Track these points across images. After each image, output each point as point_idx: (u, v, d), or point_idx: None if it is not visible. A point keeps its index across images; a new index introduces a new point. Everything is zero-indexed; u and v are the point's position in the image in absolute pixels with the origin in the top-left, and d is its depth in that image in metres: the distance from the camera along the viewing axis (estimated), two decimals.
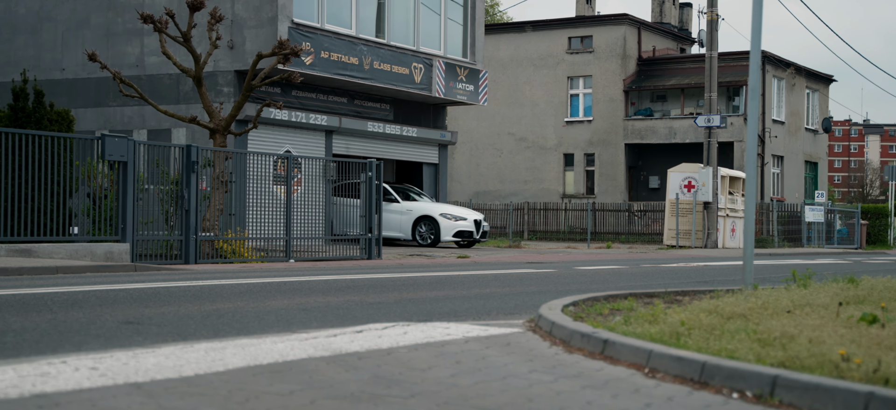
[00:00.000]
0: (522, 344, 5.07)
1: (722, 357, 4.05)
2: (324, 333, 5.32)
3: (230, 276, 11.16)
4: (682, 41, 49.72)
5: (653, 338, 4.63)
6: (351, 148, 27.65)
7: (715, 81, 30.51)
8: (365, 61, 25.31)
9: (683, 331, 4.79)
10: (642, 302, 6.86)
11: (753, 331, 4.68)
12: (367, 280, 10.61)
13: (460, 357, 4.59)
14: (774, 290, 6.92)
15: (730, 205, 31.76)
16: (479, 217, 25.92)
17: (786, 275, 12.10)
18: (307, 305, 7.42)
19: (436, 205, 25.99)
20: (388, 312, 7.00)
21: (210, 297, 8.06)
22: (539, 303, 7.84)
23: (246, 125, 21.31)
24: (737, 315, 5.34)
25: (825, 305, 5.84)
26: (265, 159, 18.64)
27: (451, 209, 25.98)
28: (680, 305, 6.45)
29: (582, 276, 12.14)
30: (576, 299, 6.75)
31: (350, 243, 19.71)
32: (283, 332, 5.55)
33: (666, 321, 5.14)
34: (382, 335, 5.23)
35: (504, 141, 47.32)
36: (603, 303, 6.74)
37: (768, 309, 5.58)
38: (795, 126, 47.94)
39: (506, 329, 5.70)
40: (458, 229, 25.15)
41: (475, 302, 7.98)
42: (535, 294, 9.01)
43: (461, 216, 25.42)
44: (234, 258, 17.22)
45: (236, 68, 23.66)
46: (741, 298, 6.12)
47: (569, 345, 5.01)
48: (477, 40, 29.64)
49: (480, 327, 5.74)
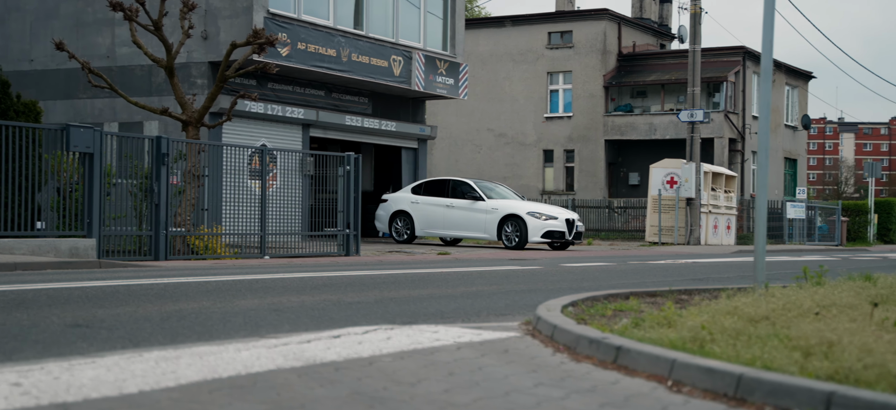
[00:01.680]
0: (522, 351, 4.49)
1: (760, 369, 3.48)
2: (296, 338, 4.71)
3: (199, 273, 10.52)
4: (662, 37, 49.35)
5: (673, 345, 4.06)
6: (328, 144, 26.99)
7: (698, 76, 30.06)
8: (343, 53, 24.65)
9: (705, 337, 4.22)
10: (646, 303, 6.30)
11: (786, 337, 4.12)
12: (344, 277, 10.00)
13: (453, 368, 4.00)
14: (788, 289, 6.37)
15: (712, 202, 31.32)
16: (572, 216, 23.78)
17: (785, 272, 11.64)
18: (279, 305, 6.81)
19: (523, 203, 24.05)
20: (368, 313, 6.39)
21: (174, 296, 7.42)
22: (530, 303, 7.26)
23: (220, 117, 20.63)
24: (760, 317, 4.78)
25: (852, 306, 5.29)
26: (240, 152, 17.98)
27: (541, 207, 24.04)
28: (688, 305, 5.89)
29: (570, 274, 11.58)
30: (574, 299, 6.17)
31: (328, 239, 19.07)
32: (250, 337, 4.94)
33: (684, 324, 4.56)
34: (363, 340, 4.63)
35: (483, 137, 46.78)
36: (604, 304, 6.17)
37: (792, 310, 5.03)
38: (775, 122, 47.68)
39: (501, 332, 5.10)
40: (547, 229, 23.00)
41: (462, 301, 7.39)
42: (525, 292, 8.43)
43: (552, 214, 23.32)
44: (206, 254, 16.58)
45: (210, 59, 22.96)
46: (758, 298, 5.57)
47: (575, 352, 4.42)
48: (457, 33, 29.04)
49: (472, 330, 5.15)
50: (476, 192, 23.95)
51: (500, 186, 25.88)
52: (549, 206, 24.40)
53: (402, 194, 25.07)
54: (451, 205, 23.97)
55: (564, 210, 24.13)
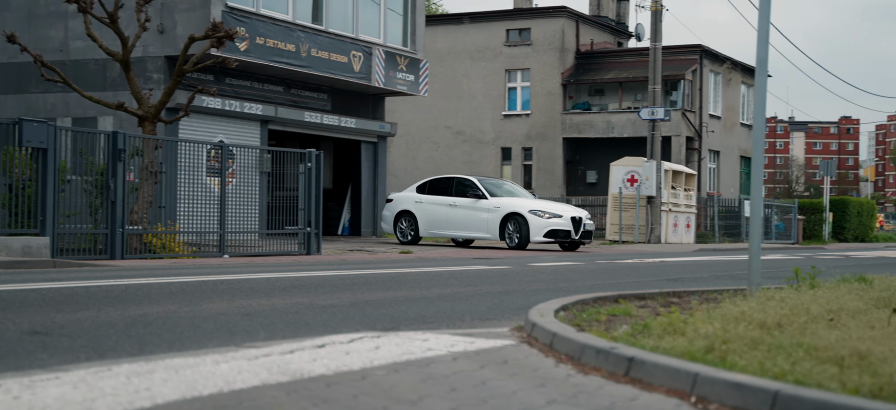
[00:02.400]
0: (523, 362, 4.18)
1: (794, 384, 3.21)
2: (277, 348, 4.36)
3: (160, 274, 10.09)
4: (620, 35, 49.40)
5: (691, 356, 3.77)
6: (287, 140, 26.54)
7: (659, 73, 29.99)
8: (302, 48, 24.22)
9: (721, 346, 3.94)
10: (638, 306, 6.03)
11: (811, 347, 3.85)
12: (313, 278, 9.63)
13: (454, 382, 3.68)
14: (785, 292, 6.12)
15: (672, 200, 31.29)
16: (579, 213, 22.35)
17: (763, 273, 11.46)
18: (250, 309, 6.44)
19: (528, 201, 22.67)
20: (345, 317, 6.05)
21: (136, 299, 7.02)
22: (513, 306, 6.96)
23: (177, 113, 20.13)
24: (772, 324, 4.52)
25: (861, 310, 5.05)
26: (197, 148, 17.50)
27: (544, 204, 22.67)
28: (687, 310, 5.63)
29: (542, 273, 11.30)
30: (564, 302, 5.88)
31: (288, 238, 18.64)
32: (226, 346, 4.58)
33: (695, 332, 4.28)
34: (350, 350, 4.29)
35: (441, 134, 46.51)
36: (595, 307, 5.88)
37: (801, 316, 4.77)
38: (731, 121, 47.95)
39: (494, 340, 4.79)
40: (550, 228, 21.62)
41: (441, 304, 7.06)
42: (503, 294, 8.13)
43: (556, 212, 21.95)
44: (163, 253, 16.10)
45: (166, 54, 22.43)
46: (763, 303, 5.31)
47: (579, 363, 4.12)
48: (418, 29, 28.71)
49: (463, 338, 4.82)
50: (479, 190, 22.92)
51: (508, 184, 24.77)
52: (554, 204, 23.22)
53: (407, 193, 24.23)
54: (454, 204, 22.98)
55: (571, 208, 22.93)
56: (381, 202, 29.14)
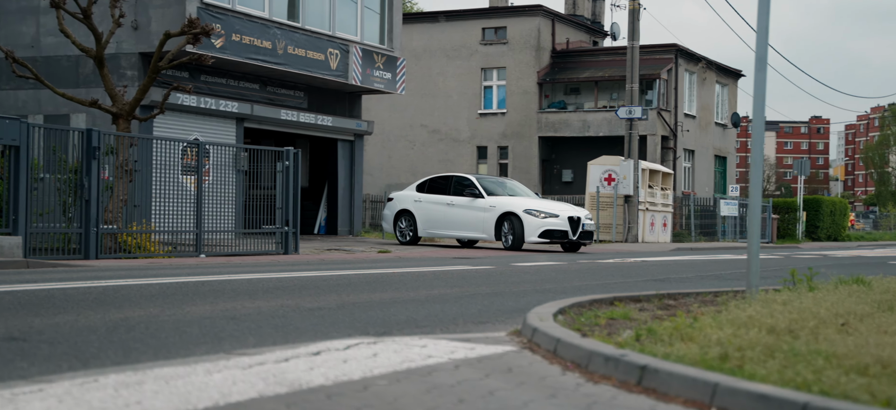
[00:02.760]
0: (528, 370, 4.01)
1: (823, 396, 3.06)
2: (270, 355, 4.17)
3: (137, 275, 9.85)
4: (595, 34, 49.42)
5: (706, 364, 3.62)
6: (262, 138, 26.27)
7: (636, 72, 29.95)
8: (278, 46, 23.96)
9: (736, 354, 3.80)
10: (635, 308, 5.88)
11: (830, 354, 3.71)
12: (295, 279, 9.42)
13: (461, 393, 3.50)
14: (785, 294, 5.99)
15: (649, 199, 31.27)
16: (577, 213, 21.52)
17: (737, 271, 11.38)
18: (235, 312, 6.23)
19: (523, 200, 21.82)
20: (334, 321, 5.86)
21: (116, 302, 6.79)
22: (504, 308, 6.80)
23: (152, 110, 19.83)
24: (781, 329, 4.38)
25: (868, 314, 4.92)
26: (173, 146, 17.22)
27: (542, 203, 21.81)
28: (682, 313, 5.48)
29: (526, 274, 11.15)
30: (561, 305, 5.72)
31: (265, 237, 18.39)
32: (215, 353, 4.38)
33: (706, 338, 4.13)
34: (347, 358, 4.10)
35: (416, 133, 46.33)
36: (592, 310, 5.73)
37: (810, 320, 4.63)
38: (706, 120, 48.09)
39: (494, 346, 4.62)
40: (545, 228, 20.83)
41: (431, 306, 6.89)
42: (491, 296, 7.96)
43: (552, 211, 21.13)
44: (138, 253, 15.83)
45: (141, 50, 22.12)
46: (767, 306, 5.17)
47: (587, 371, 3.96)
48: (394, 27, 28.51)
49: (462, 343, 4.65)
50: (476, 189, 22.20)
51: (511, 182, 23.99)
52: (551, 203, 22.35)
53: (407, 192, 23.58)
54: (452, 203, 22.27)
55: (570, 207, 22.07)
56: (358, 200, 28.92)
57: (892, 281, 6.72)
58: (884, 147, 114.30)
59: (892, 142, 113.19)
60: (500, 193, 22.33)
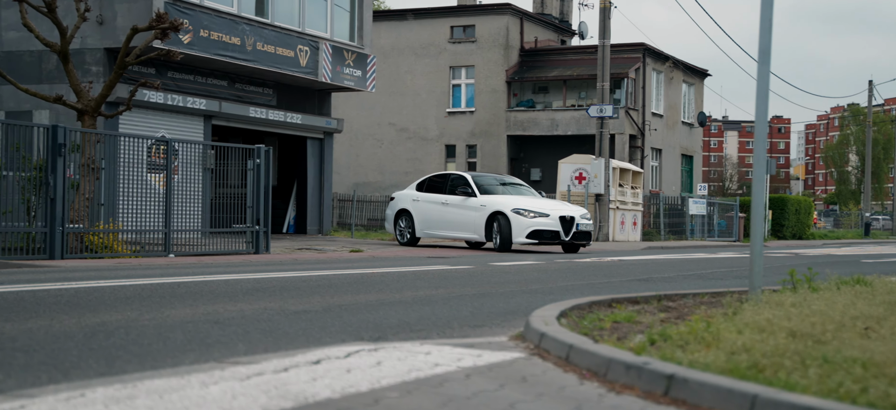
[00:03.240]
0: (542, 379, 3.77)
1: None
2: (267, 365, 3.90)
3: (108, 276, 9.50)
4: (563, 33, 49.41)
5: (738, 373, 3.40)
6: (231, 136, 25.87)
7: (607, 71, 29.86)
8: (248, 42, 23.59)
9: (764, 361, 3.59)
10: (636, 310, 5.67)
11: (867, 362, 3.51)
12: (273, 280, 9.13)
13: (477, 406, 3.26)
14: (788, 295, 5.81)
15: (620, 198, 31.21)
16: (571, 212, 20.37)
17: (731, 272, 11.19)
18: (218, 316, 5.95)
19: (513, 198, 20.73)
20: (324, 325, 5.59)
21: (91, 305, 6.48)
22: (494, 309, 6.57)
23: (118, 107, 19.41)
24: (803, 334, 4.18)
25: (883, 316, 4.74)
26: (139, 143, 16.84)
27: (531, 201, 20.58)
28: (684, 315, 5.28)
29: (508, 274, 10.93)
30: (561, 308, 5.49)
31: (235, 236, 18.04)
32: (205, 362, 4.11)
33: (732, 344, 3.91)
34: (350, 367, 3.84)
35: (385, 131, 46.05)
36: (593, 312, 5.51)
37: (829, 324, 4.44)
38: (673, 119, 48.23)
39: (501, 352, 4.38)
40: (534, 228, 19.71)
41: (419, 308, 6.64)
42: (478, 297, 7.72)
43: (541, 211, 19.97)
44: (104, 253, 15.45)
45: (106, 46, 21.67)
46: (783, 309, 4.98)
47: (606, 379, 3.73)
48: (365, 24, 28.22)
49: (466, 350, 4.41)
50: (469, 188, 21.22)
51: (512, 180, 22.84)
52: (543, 201, 21.06)
53: (407, 192, 22.77)
54: (447, 202, 21.32)
55: (566, 205, 21.06)
56: (327, 199, 28.60)
57: (894, 282, 6.57)
58: (844, 146, 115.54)
59: (851, 141, 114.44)
60: (499, 192, 21.42)
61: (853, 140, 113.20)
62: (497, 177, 22.72)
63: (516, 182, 22.96)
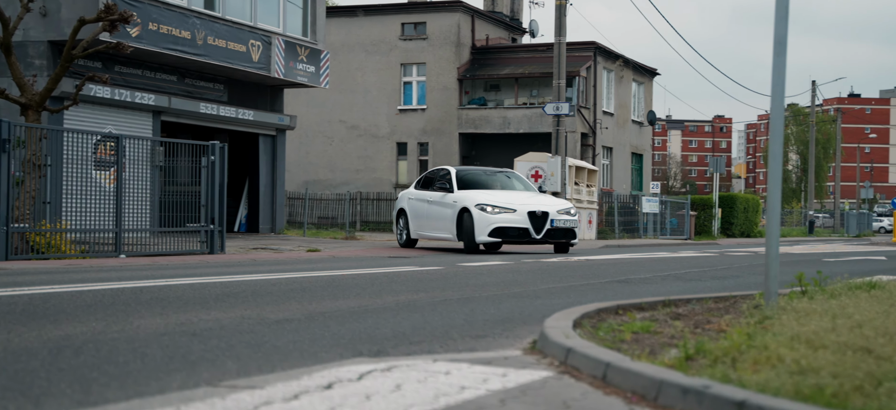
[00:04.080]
0: (584, 404, 3.34)
1: None
2: (272, 391, 3.41)
3: (61, 279, 8.91)
4: (514, 31, 49.23)
5: (821, 400, 3.01)
6: (180, 132, 25.15)
7: (563, 68, 29.60)
8: (198, 36, 22.90)
9: (835, 383, 3.20)
10: (646, 318, 5.27)
11: None
12: (242, 285, 8.60)
13: None
14: (811, 302, 5.45)
15: (575, 196, 30.98)
16: (544, 206, 18.36)
17: (693, 271, 10.84)
18: (193, 326, 5.44)
19: (484, 193, 18.86)
20: (313, 337, 5.12)
21: (50, 314, 5.92)
22: (488, 316, 6.13)
23: (63, 102, 18.66)
24: (857, 347, 3.81)
25: None
26: (86, 139, 16.15)
27: (499, 196, 18.64)
28: (702, 323, 4.91)
29: (480, 275, 10.50)
30: (573, 316, 5.08)
31: (187, 236, 17.40)
32: (197, 385, 3.61)
33: (780, 360, 3.52)
34: (369, 394, 3.37)
35: (335, 128, 45.44)
36: (605, 322, 5.11)
37: (880, 335, 4.08)
38: (623, 118, 48.28)
39: (526, 371, 3.93)
40: (496, 225, 17.87)
41: (407, 316, 6.19)
42: (464, 301, 7.28)
43: (507, 205, 18.10)
44: (50, 253, 14.77)
45: (50, 38, 20.89)
46: (813, 319, 4.61)
47: (656, 404, 3.31)
48: (318, 19, 27.64)
49: (488, 369, 3.96)
50: (448, 182, 19.58)
51: (506, 174, 20.74)
52: (513, 194, 18.96)
53: (408, 189, 21.18)
54: (431, 200, 19.68)
55: (544, 199, 18.85)
56: (280, 197, 27.96)
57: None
58: (784, 146, 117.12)
59: (791, 141, 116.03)
60: (482, 187, 19.49)
61: (793, 139, 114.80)
62: (489, 170, 20.81)
63: (511, 174, 20.76)
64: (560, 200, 19.31)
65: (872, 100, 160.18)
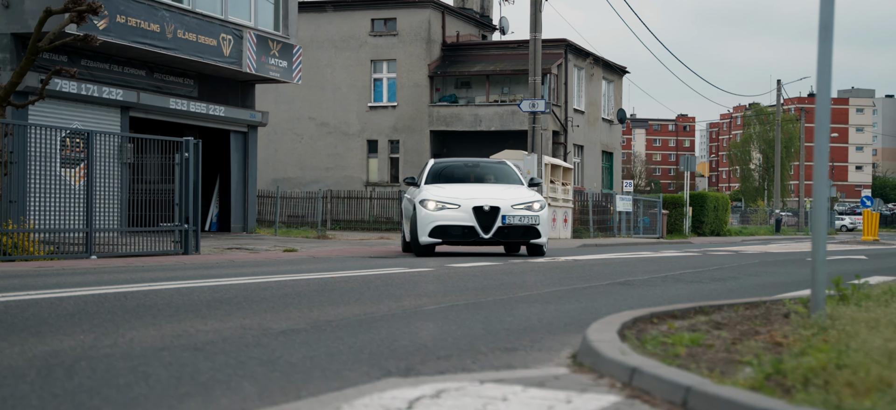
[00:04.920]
0: None
1: None
2: None
3: (33, 284, 8.35)
4: (485, 28, 48.88)
5: None
6: (149, 129, 24.49)
7: (539, 64, 29.23)
8: (168, 29, 22.26)
9: None
10: (690, 327, 4.85)
11: None
12: (230, 289, 8.08)
13: None
14: (857, 310, 5.06)
15: (551, 195, 30.62)
16: (496, 200, 15.81)
17: (688, 271, 10.46)
18: (193, 339, 4.93)
19: (447, 187, 16.48)
20: (330, 351, 4.63)
21: (31, 325, 5.39)
22: (508, 325, 5.68)
23: (28, 97, 17.99)
24: None
25: None
26: (53, 135, 15.53)
27: (459, 190, 16.23)
28: (745, 332, 4.50)
29: (480, 277, 10.04)
30: (616, 327, 4.64)
31: (159, 235, 16.81)
32: None
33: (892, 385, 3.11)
34: None
35: (304, 125, 44.83)
36: (648, 331, 4.68)
37: None
38: (594, 116, 48.07)
39: (591, 395, 3.47)
40: (437, 224, 15.62)
41: (422, 326, 5.72)
42: (473, 307, 6.81)
43: (450, 200, 15.77)
44: (16, 255, 14.16)
45: (13, 31, 20.19)
46: (877, 329, 4.21)
47: None
48: (290, 13, 27.07)
49: (545, 391, 3.50)
50: (416, 177, 17.99)
51: (487, 165, 18.47)
52: (486, 189, 16.50)
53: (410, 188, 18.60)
54: (409, 196, 17.67)
55: (502, 190, 16.35)
56: (252, 195, 27.36)
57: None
58: (748, 145, 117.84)
59: (754, 140, 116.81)
60: (461, 180, 17.27)
61: (756, 139, 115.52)
62: (472, 162, 18.39)
63: (496, 167, 18.22)
64: (530, 193, 16.54)
65: (831, 100, 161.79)
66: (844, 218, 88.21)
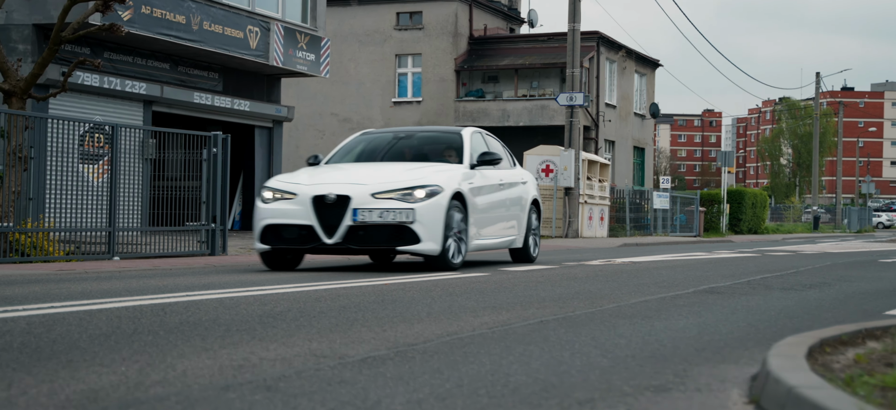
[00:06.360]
0: None
1: None
2: None
3: (57, 293, 7.43)
4: (513, 21, 47.95)
5: None
6: (172, 123, 23.63)
7: (578, 56, 28.22)
8: (194, 20, 21.40)
9: None
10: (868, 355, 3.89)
11: None
12: (279, 299, 7.13)
13: None
14: None
15: (588, 192, 29.61)
16: (350, 187, 10.62)
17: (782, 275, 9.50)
18: (258, 371, 3.97)
19: (313, 171, 11.80)
20: (437, 391, 3.66)
21: (60, 351, 4.45)
22: (624, 352, 4.70)
23: (49, 89, 17.16)
24: None
25: None
26: (75, 128, 14.65)
27: (317, 175, 11.28)
28: None
29: (547, 286, 9.07)
30: (799, 358, 3.67)
31: (184, 235, 15.91)
32: None
33: None
34: None
35: (326, 121, 44.01)
36: (836, 362, 3.72)
37: None
38: (625, 111, 47.05)
39: None
40: (266, 223, 11.05)
41: (527, 350, 4.73)
42: (569, 324, 5.84)
43: (289, 189, 11.02)
44: (35, 255, 13.29)
45: (36, 22, 19.37)
46: None
47: None
48: (319, 4, 26.18)
49: None
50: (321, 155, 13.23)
51: (425, 132, 13.16)
52: (353, 170, 11.55)
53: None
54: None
55: (403, 171, 11.17)
56: None
57: None
58: (778, 139, 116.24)
59: (785, 134, 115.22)
60: (383, 158, 12.36)
61: (787, 133, 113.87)
62: (406, 132, 13.13)
63: (438, 135, 12.91)
64: (438, 174, 11.09)
65: (865, 93, 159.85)
66: (881, 215, 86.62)
